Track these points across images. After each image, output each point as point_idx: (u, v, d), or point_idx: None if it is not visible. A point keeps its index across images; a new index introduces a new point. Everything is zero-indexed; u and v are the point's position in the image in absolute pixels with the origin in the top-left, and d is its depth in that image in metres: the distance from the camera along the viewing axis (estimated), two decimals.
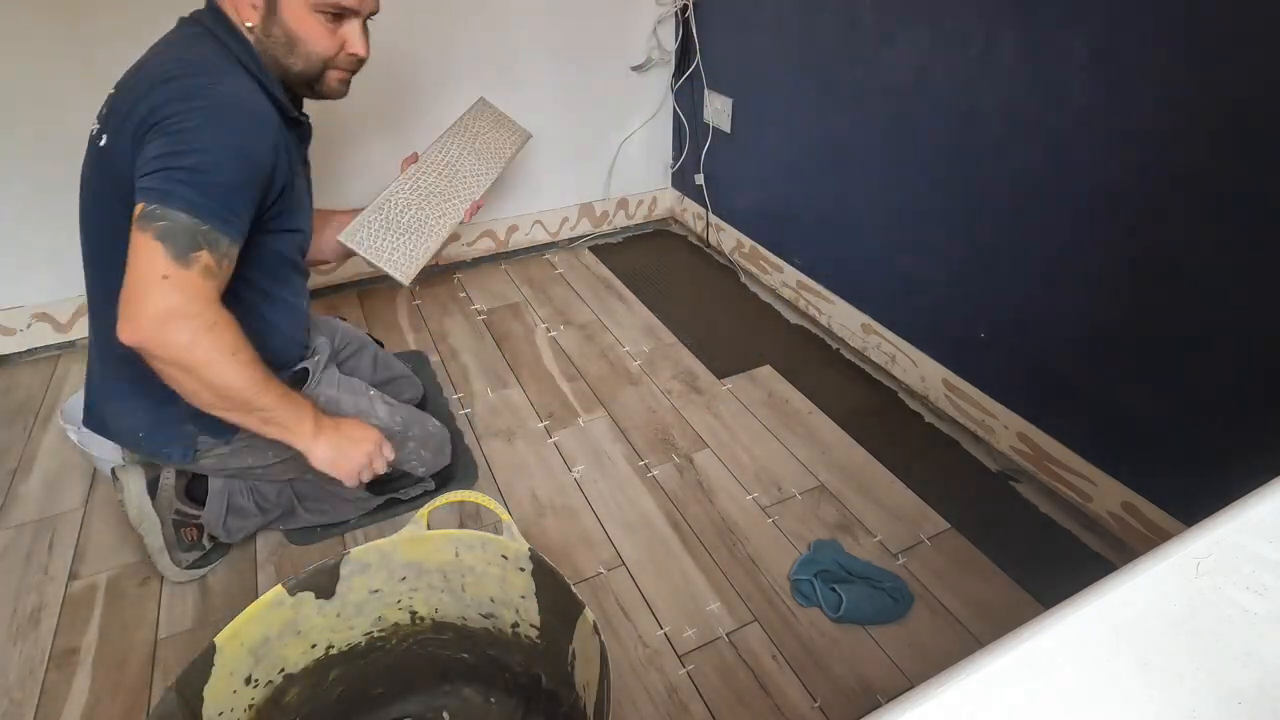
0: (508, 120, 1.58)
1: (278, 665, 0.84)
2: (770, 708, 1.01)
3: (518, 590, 0.92)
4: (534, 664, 0.96)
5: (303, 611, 0.85)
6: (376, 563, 0.89)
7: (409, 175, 1.38)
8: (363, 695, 0.95)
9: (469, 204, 1.41)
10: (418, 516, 0.90)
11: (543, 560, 0.89)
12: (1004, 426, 1.39)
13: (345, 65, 1.01)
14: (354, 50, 0.99)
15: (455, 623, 0.96)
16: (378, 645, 0.94)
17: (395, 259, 1.29)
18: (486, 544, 0.91)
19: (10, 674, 1.05)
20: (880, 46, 1.45)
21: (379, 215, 1.31)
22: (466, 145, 1.48)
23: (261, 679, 0.82)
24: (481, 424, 1.53)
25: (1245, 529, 0.41)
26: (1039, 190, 1.21)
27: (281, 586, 0.82)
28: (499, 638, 0.97)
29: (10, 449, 1.45)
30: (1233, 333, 1.01)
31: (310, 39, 0.95)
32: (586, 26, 1.94)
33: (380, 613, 0.92)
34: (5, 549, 1.24)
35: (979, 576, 1.19)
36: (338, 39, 0.97)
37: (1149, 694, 0.33)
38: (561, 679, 0.92)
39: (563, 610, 0.89)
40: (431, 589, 0.93)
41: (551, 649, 0.93)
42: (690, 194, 2.26)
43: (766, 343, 1.80)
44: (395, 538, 0.89)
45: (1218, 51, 0.94)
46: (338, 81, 1.02)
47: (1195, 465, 1.11)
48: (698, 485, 1.37)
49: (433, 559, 0.91)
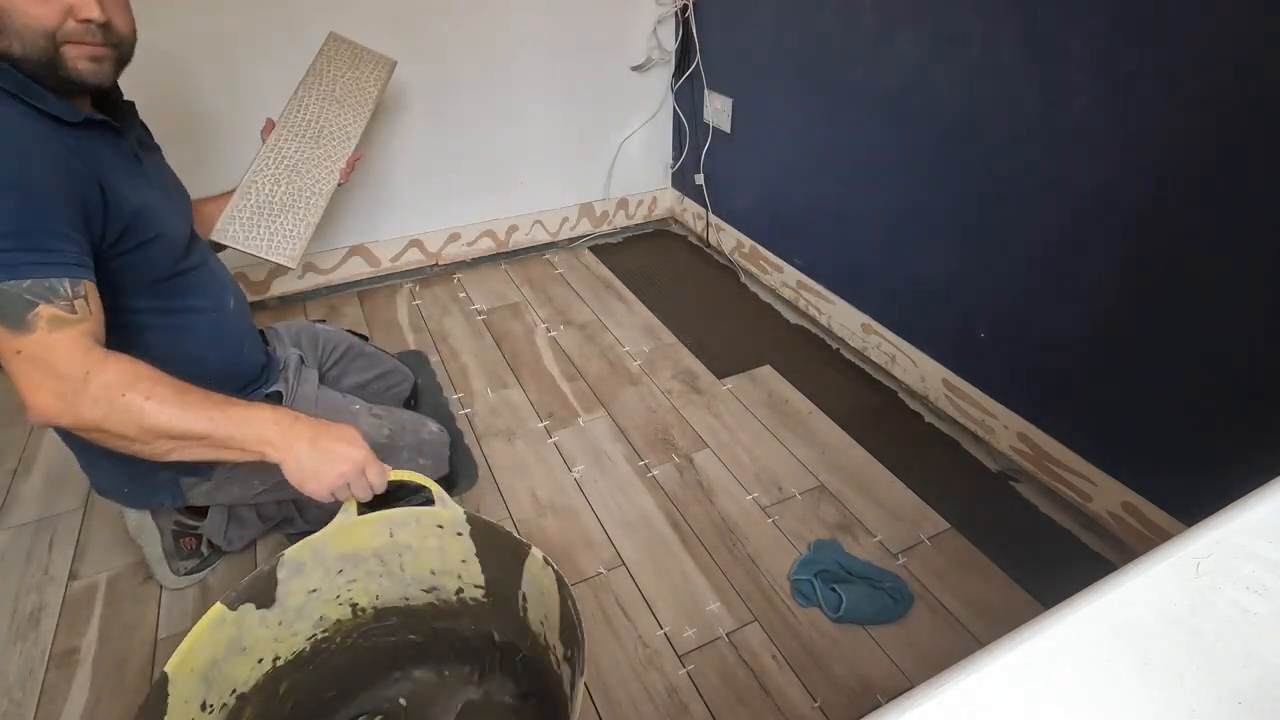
0: (366, 52, 1.37)
1: (229, 686, 0.81)
2: (770, 708, 1.01)
3: (458, 556, 0.92)
4: (484, 623, 0.96)
5: (245, 626, 0.82)
6: (311, 561, 0.87)
7: (270, 146, 1.23)
8: (315, 702, 0.93)
9: (344, 161, 1.28)
10: (346, 505, 0.86)
11: (479, 519, 0.89)
12: (1004, 426, 1.39)
13: (80, 36, 0.78)
14: (81, 14, 0.76)
15: (398, 605, 0.96)
16: (323, 648, 0.92)
17: (276, 244, 1.19)
18: (420, 518, 0.90)
19: (10, 674, 1.05)
20: (880, 46, 1.45)
21: (247, 201, 1.19)
22: (325, 94, 1.30)
23: (216, 703, 0.79)
24: (481, 424, 1.53)
25: (1245, 529, 0.41)
26: (1039, 190, 1.21)
27: (221, 604, 0.79)
28: (445, 608, 0.96)
29: (10, 449, 1.45)
30: (1233, 332, 1.01)
31: (14, 8, 0.74)
32: (586, 26, 1.94)
33: (321, 612, 0.90)
34: (5, 549, 1.24)
35: (979, 576, 1.19)
36: (57, 4, 0.75)
37: (1149, 694, 0.33)
38: (515, 627, 0.93)
39: (507, 562, 0.89)
40: (370, 576, 0.92)
41: (500, 603, 0.93)
42: (690, 194, 2.26)
43: (766, 343, 1.80)
44: (325, 530, 0.86)
45: (1218, 51, 0.94)
46: (83, 60, 0.79)
47: (1195, 465, 1.11)
48: (698, 485, 1.37)
49: (367, 545, 0.90)
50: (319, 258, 1.93)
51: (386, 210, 1.95)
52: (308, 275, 1.94)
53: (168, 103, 1.58)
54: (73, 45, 0.78)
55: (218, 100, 1.63)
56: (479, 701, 0.97)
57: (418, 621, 0.97)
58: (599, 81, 2.05)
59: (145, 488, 1.02)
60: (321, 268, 1.94)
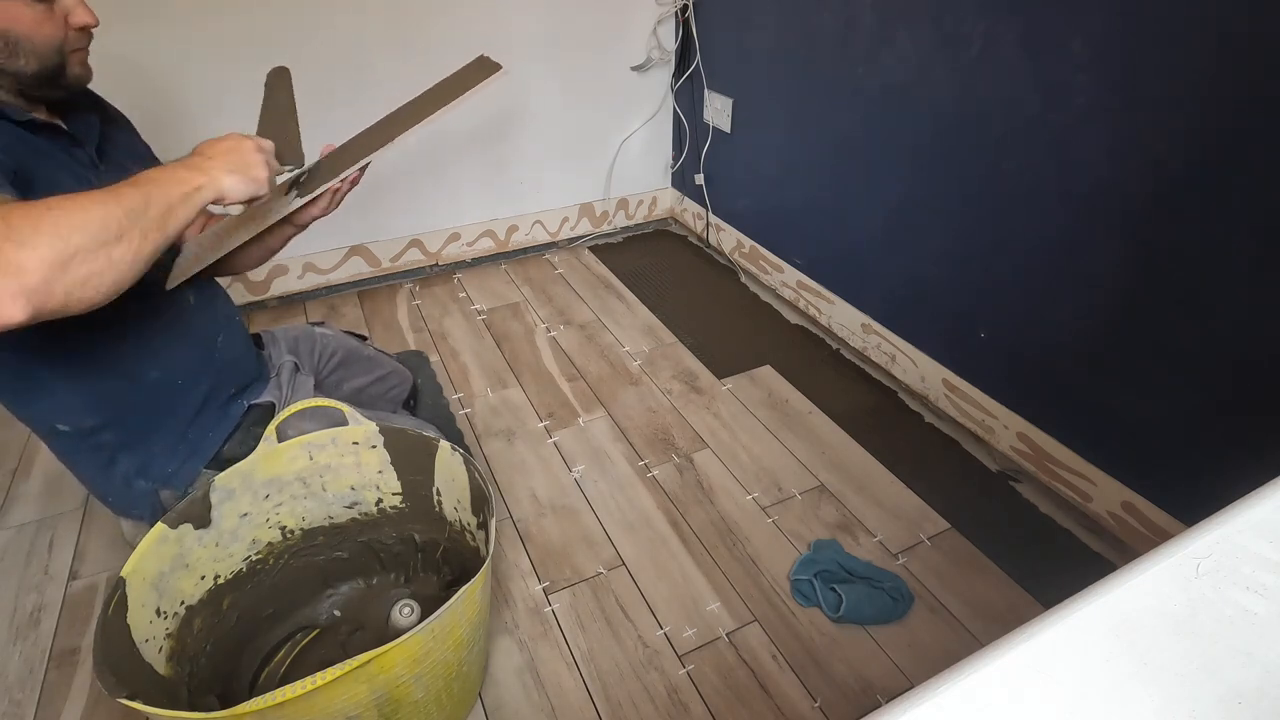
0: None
1: (178, 598, 0.90)
2: (770, 708, 1.01)
3: (374, 468, 1.01)
4: (405, 528, 1.06)
5: (186, 544, 0.90)
6: (240, 486, 0.94)
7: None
8: (256, 618, 1.01)
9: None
10: (267, 433, 0.94)
11: (391, 428, 0.98)
12: (1004, 426, 1.39)
13: (78, 44, 0.84)
14: (81, 21, 0.82)
15: (323, 525, 1.04)
16: (258, 569, 1.00)
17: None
18: (336, 438, 0.98)
19: (10, 674, 1.05)
20: (880, 46, 1.45)
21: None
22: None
23: (168, 610, 0.88)
24: (481, 424, 1.53)
25: (1245, 529, 0.41)
26: (1039, 190, 1.21)
27: (162, 523, 0.87)
28: (367, 520, 1.06)
29: (10, 449, 1.45)
30: (1233, 332, 1.01)
31: (30, 32, 0.79)
32: (586, 26, 1.94)
33: (253, 535, 0.98)
34: (5, 549, 1.24)
35: (979, 576, 1.19)
36: (58, 18, 0.81)
37: (1149, 694, 0.33)
38: (432, 522, 1.04)
39: (420, 462, 0.99)
40: (295, 499, 1.00)
41: (417, 504, 1.04)
42: (690, 194, 2.26)
43: (766, 343, 1.80)
44: (252, 457, 0.94)
45: (1218, 51, 0.94)
46: (79, 64, 0.85)
47: (1195, 465, 1.11)
48: (698, 485, 1.37)
49: (289, 469, 0.98)
50: (319, 257, 1.93)
51: (386, 210, 1.95)
52: (308, 275, 1.94)
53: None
54: (75, 53, 0.83)
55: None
56: (408, 601, 1.05)
57: (343, 538, 1.06)
58: (599, 81, 2.05)
59: (123, 499, 1.00)
60: (321, 268, 1.94)
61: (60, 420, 0.90)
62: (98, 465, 0.95)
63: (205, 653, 0.93)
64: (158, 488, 0.98)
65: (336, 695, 0.71)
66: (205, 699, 0.89)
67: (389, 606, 1.05)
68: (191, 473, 0.97)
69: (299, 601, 1.06)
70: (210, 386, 0.99)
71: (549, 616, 1.13)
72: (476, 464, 0.93)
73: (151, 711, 0.67)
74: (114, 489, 0.99)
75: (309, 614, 1.07)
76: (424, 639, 0.76)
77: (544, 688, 1.03)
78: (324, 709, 0.72)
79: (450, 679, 0.86)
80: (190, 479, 0.98)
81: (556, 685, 1.04)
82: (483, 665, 1.03)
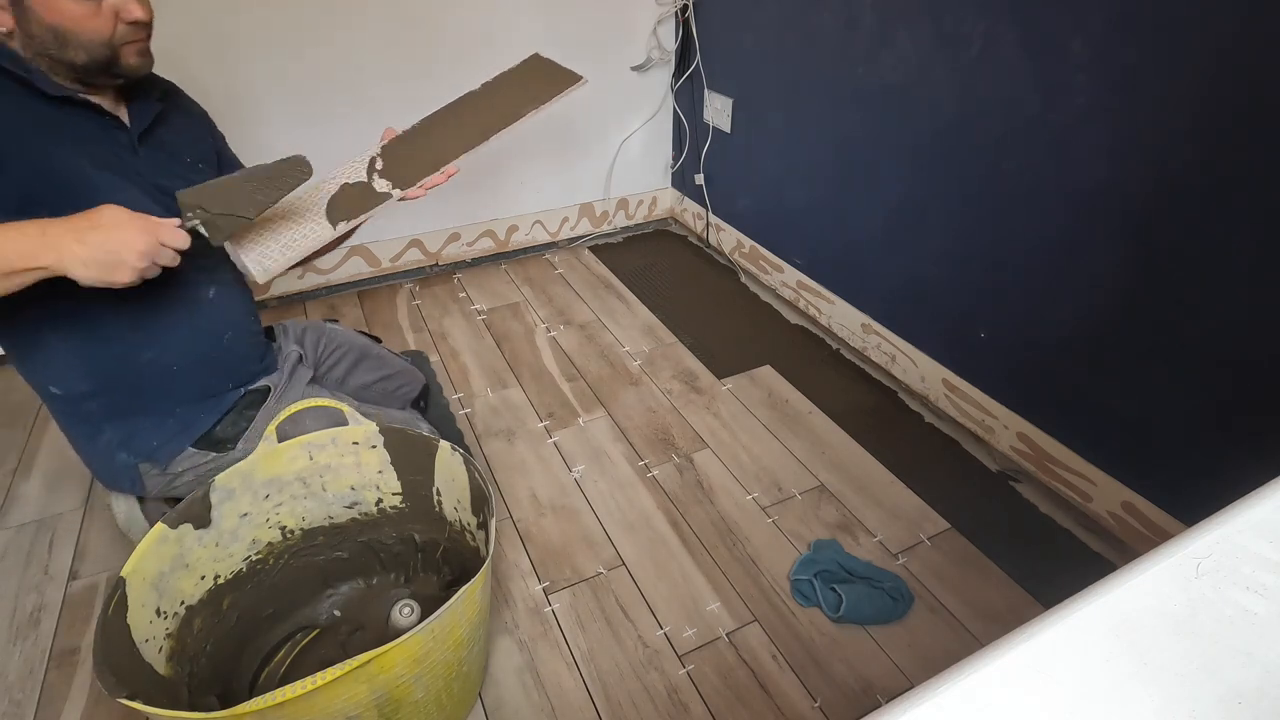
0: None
1: (178, 598, 0.90)
2: (770, 708, 1.01)
3: (374, 468, 1.01)
4: (405, 528, 1.06)
5: (186, 544, 0.90)
6: (240, 486, 0.94)
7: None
8: (256, 618, 1.02)
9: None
10: (267, 432, 0.93)
11: (391, 429, 0.97)
12: (1004, 426, 1.39)
13: (132, 36, 0.87)
14: (132, 16, 0.85)
15: (323, 525, 1.04)
16: (258, 568, 1.00)
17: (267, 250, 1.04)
18: (336, 438, 0.98)
19: (10, 674, 1.05)
20: (880, 46, 1.45)
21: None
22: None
23: (168, 610, 0.88)
24: (481, 424, 1.53)
25: (1245, 529, 0.41)
26: (1039, 190, 1.21)
27: (162, 523, 0.87)
28: (367, 521, 1.06)
29: (10, 449, 1.45)
30: (1233, 333, 1.01)
31: (76, 26, 0.82)
32: (586, 26, 1.94)
33: (253, 535, 0.98)
34: (5, 549, 1.24)
35: (979, 576, 1.19)
36: (107, 12, 0.84)
37: (1149, 694, 0.33)
38: (432, 522, 1.03)
39: (420, 462, 0.99)
40: (295, 499, 1.00)
41: (417, 504, 1.05)
42: (690, 194, 2.26)
43: (766, 343, 1.80)
44: (252, 457, 0.94)
45: (1218, 51, 0.94)
46: (135, 56, 0.88)
47: (1195, 465, 1.11)
48: (698, 485, 1.37)
49: (289, 469, 0.98)
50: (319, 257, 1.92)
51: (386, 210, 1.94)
52: (308, 275, 1.94)
53: None
54: (126, 45, 0.87)
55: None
56: (408, 601, 1.06)
57: (343, 538, 1.06)
58: (599, 81, 2.03)
59: (109, 472, 1.03)
60: (321, 268, 1.94)
61: (54, 383, 0.94)
62: (85, 434, 0.98)
63: (205, 653, 0.93)
64: (138, 462, 1.00)
65: (336, 695, 0.71)
66: (205, 699, 0.90)
67: (389, 606, 1.05)
68: (176, 450, 1.00)
69: (299, 601, 1.07)
70: (207, 378, 1.01)
71: (549, 616, 1.13)
72: (476, 464, 0.93)
73: (151, 711, 0.67)
74: (98, 459, 1.02)
75: (309, 614, 1.07)
76: (424, 639, 0.76)
77: (544, 688, 1.03)
78: (324, 709, 0.72)
79: (450, 679, 0.86)
80: (174, 455, 1.00)
81: (556, 685, 1.04)
82: (483, 665, 1.03)
